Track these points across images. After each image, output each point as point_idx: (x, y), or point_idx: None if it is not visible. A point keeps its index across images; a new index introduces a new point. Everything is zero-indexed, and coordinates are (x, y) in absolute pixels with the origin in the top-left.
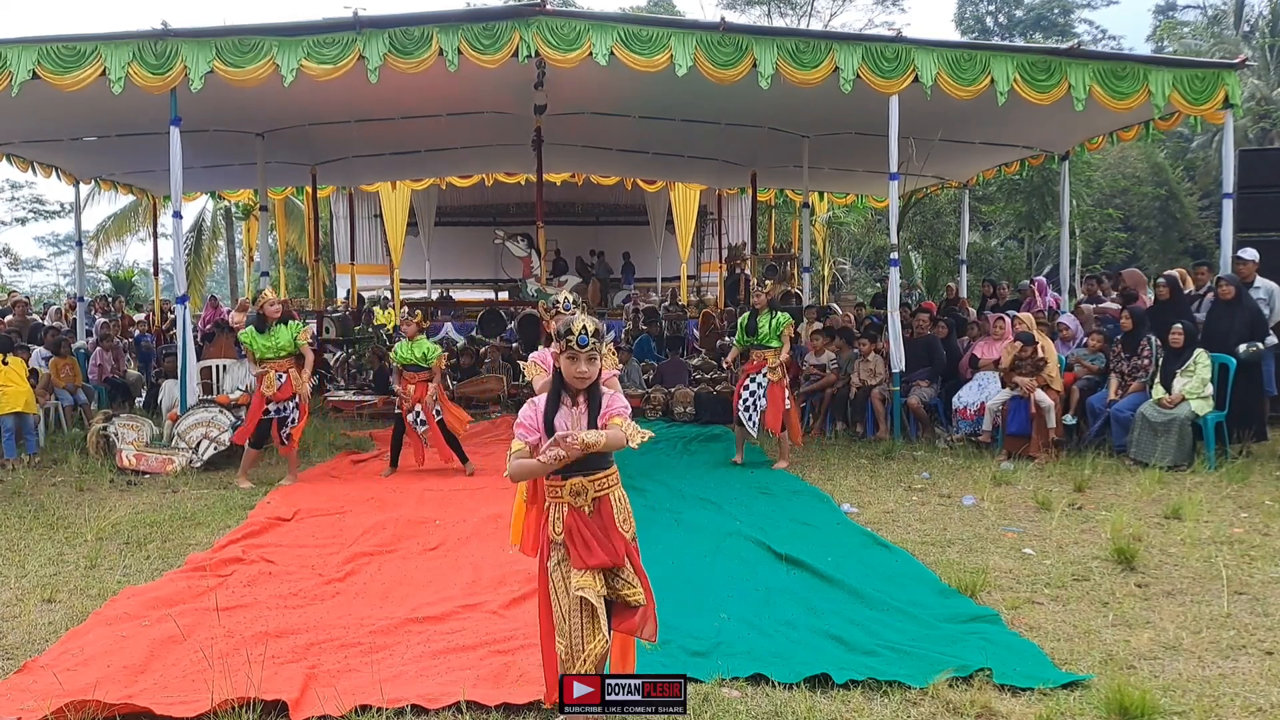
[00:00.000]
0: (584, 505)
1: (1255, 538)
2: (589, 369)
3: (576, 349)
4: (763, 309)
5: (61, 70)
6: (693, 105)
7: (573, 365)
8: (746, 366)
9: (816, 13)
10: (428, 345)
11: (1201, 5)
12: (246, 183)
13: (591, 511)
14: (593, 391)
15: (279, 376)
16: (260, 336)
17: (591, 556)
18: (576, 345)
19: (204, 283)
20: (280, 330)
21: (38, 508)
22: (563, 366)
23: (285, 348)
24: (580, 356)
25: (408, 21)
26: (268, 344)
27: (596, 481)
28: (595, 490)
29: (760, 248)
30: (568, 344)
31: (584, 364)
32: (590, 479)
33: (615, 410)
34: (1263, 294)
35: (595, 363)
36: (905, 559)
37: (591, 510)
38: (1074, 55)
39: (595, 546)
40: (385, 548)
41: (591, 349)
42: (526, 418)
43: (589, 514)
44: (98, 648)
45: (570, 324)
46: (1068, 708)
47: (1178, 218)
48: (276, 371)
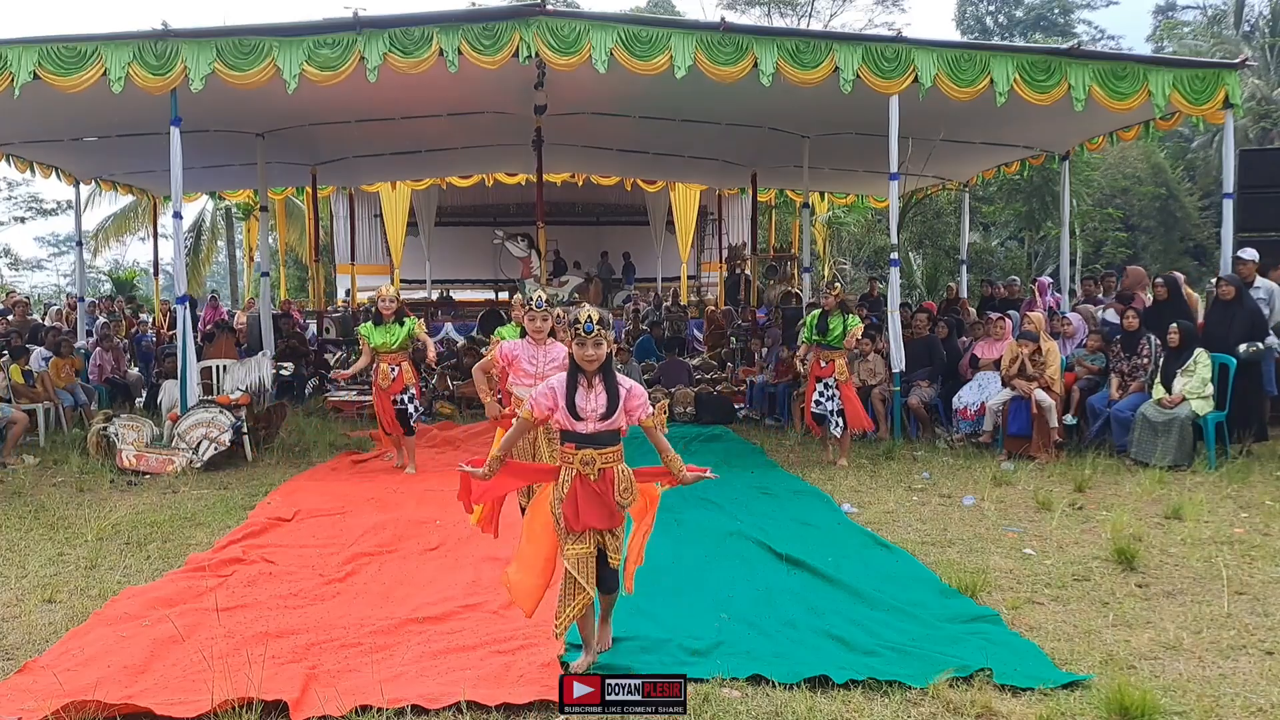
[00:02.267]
0: (591, 473)
1: (1256, 538)
2: (596, 352)
3: (584, 335)
4: (833, 310)
5: (63, 72)
6: (693, 105)
7: (582, 350)
8: (815, 370)
9: (816, 13)
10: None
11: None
12: (246, 183)
13: (596, 479)
14: (606, 372)
15: (392, 369)
16: (376, 331)
17: (578, 522)
18: (584, 332)
19: (203, 283)
20: (395, 327)
21: (38, 508)
22: (574, 352)
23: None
24: (588, 342)
25: (408, 22)
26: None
27: (604, 455)
28: (602, 462)
29: (760, 248)
30: (576, 332)
31: (591, 348)
32: (600, 452)
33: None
34: (1263, 294)
35: (602, 346)
36: (906, 559)
37: (596, 478)
38: (1074, 55)
39: (588, 511)
40: (386, 548)
41: (597, 334)
42: (543, 394)
43: (593, 480)
44: (98, 648)
45: (578, 314)
46: (1068, 708)
47: (1178, 217)
48: (390, 364)
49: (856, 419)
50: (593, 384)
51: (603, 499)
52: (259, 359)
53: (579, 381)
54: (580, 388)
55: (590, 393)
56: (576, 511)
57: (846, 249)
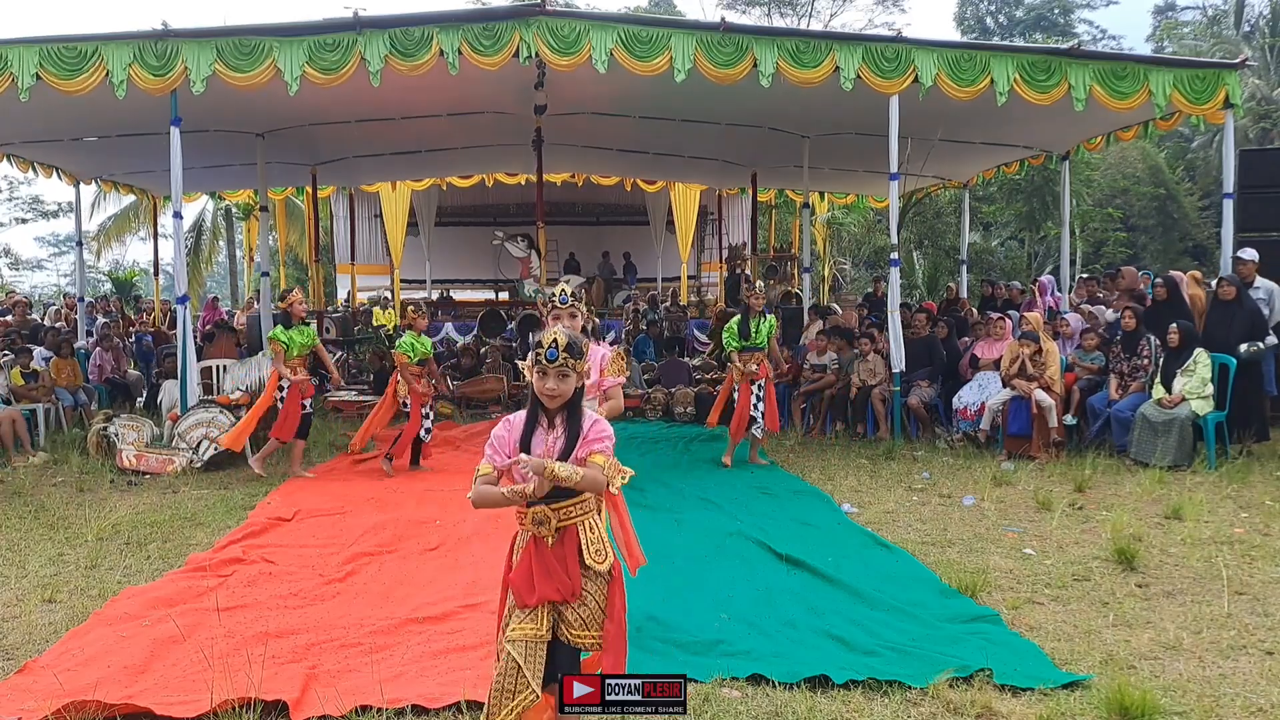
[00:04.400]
0: (547, 535)
1: (1256, 538)
2: (559, 386)
3: (545, 363)
4: (756, 312)
5: (65, 74)
6: (693, 106)
7: (541, 381)
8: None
9: (816, 13)
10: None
11: (1201, 5)
12: (246, 183)
13: (554, 542)
14: (571, 412)
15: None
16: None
17: (531, 595)
18: (545, 360)
19: (203, 283)
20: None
21: (38, 508)
22: (534, 383)
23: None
24: (550, 372)
25: (408, 22)
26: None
27: (561, 511)
28: (559, 520)
29: (760, 248)
30: (536, 358)
31: (553, 380)
32: (554, 507)
33: (596, 441)
34: (1262, 294)
35: (568, 379)
36: (906, 559)
37: (554, 540)
38: (1074, 55)
39: (539, 582)
40: (386, 548)
41: (561, 364)
42: (499, 438)
43: (550, 544)
44: (98, 648)
45: (542, 335)
46: (1068, 708)
47: (1176, 218)
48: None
49: (775, 421)
50: (554, 425)
51: (563, 566)
52: (259, 359)
53: (539, 420)
54: (539, 428)
55: (550, 434)
56: (530, 583)
57: (846, 249)
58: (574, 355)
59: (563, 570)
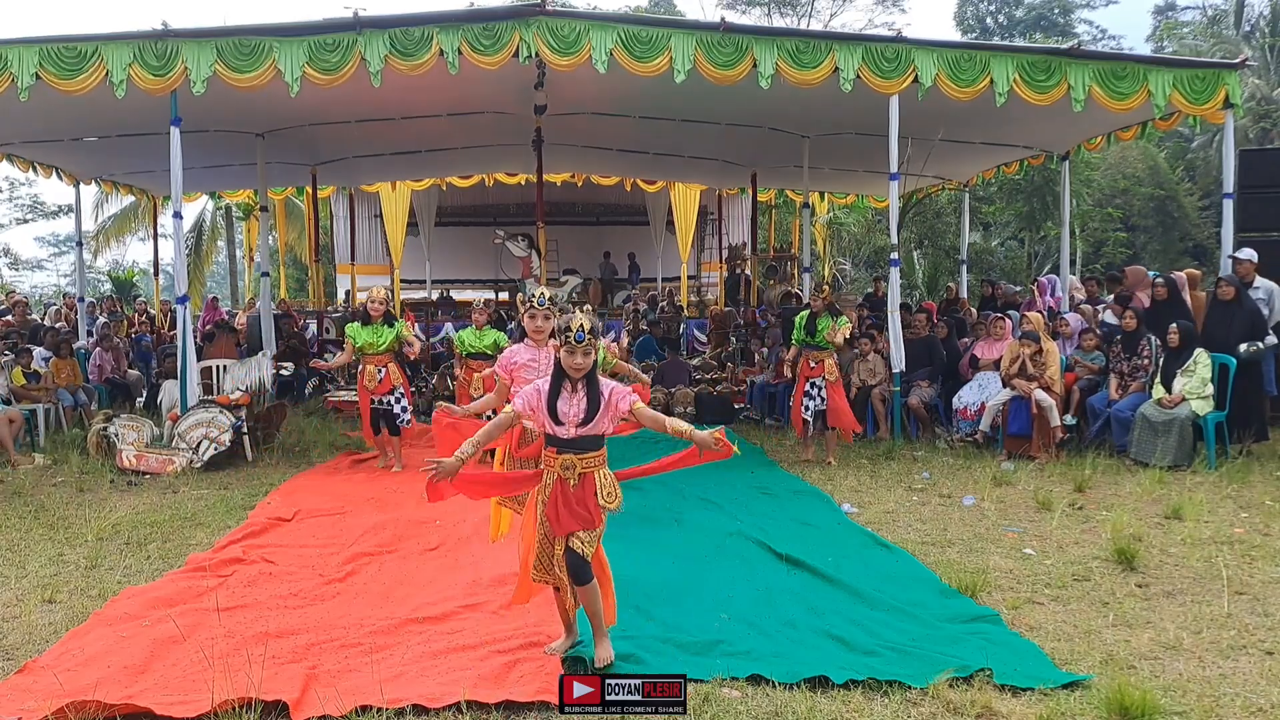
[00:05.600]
0: (570, 479)
1: (1256, 538)
2: (584, 361)
3: (574, 344)
4: (821, 312)
5: (65, 74)
6: (693, 106)
7: (570, 358)
8: (805, 370)
9: (816, 13)
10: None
11: (1201, 5)
12: (246, 183)
13: (575, 485)
14: (590, 380)
15: (379, 371)
16: (363, 331)
17: (559, 527)
18: (574, 341)
19: (204, 283)
20: (383, 329)
21: (38, 508)
22: (562, 358)
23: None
24: (577, 350)
25: (408, 21)
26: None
27: (584, 460)
28: (583, 467)
29: (760, 248)
30: (565, 339)
31: (580, 357)
32: (580, 457)
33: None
34: (1262, 294)
35: (590, 355)
36: (906, 559)
37: (576, 484)
38: (1074, 55)
39: (564, 517)
40: (386, 548)
41: (587, 344)
42: (530, 396)
43: (573, 486)
44: (98, 648)
45: (569, 322)
46: (1068, 708)
47: (1176, 218)
48: (376, 366)
49: (837, 418)
50: (576, 390)
51: (582, 503)
52: (259, 359)
53: (563, 387)
54: (564, 393)
55: (573, 398)
56: (557, 516)
57: (846, 249)
58: (595, 336)
59: (583, 508)
